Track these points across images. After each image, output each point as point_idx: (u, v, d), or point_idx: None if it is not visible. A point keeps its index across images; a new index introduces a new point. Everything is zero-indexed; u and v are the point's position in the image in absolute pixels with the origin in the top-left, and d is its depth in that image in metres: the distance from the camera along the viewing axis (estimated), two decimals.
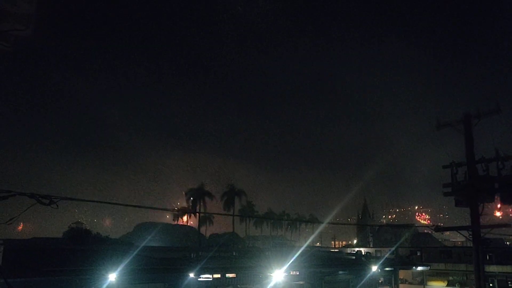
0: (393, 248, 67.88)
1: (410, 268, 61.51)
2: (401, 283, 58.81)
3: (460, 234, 17.39)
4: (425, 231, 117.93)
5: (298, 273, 43.68)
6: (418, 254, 75.15)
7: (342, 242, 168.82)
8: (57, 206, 5.55)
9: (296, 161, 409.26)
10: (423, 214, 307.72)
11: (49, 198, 5.53)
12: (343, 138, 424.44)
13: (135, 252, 37.67)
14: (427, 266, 60.53)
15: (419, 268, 60.61)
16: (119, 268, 31.19)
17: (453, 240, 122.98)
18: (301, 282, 44.48)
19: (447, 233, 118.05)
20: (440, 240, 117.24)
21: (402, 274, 61.83)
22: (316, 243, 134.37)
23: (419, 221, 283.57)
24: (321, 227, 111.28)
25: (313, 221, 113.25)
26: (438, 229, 18.40)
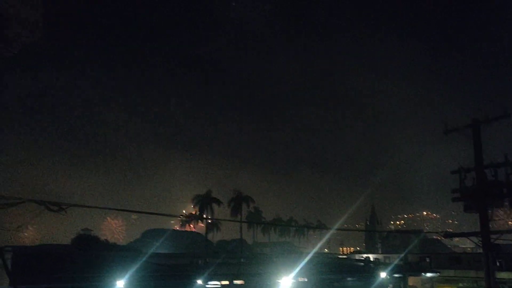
0: (402, 255, 67.39)
1: (419, 274, 60.99)
2: None
3: (470, 240, 17.26)
4: (434, 237, 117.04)
5: (306, 280, 43.49)
6: (427, 260, 74.50)
7: (350, 249, 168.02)
8: (66, 212, 5.59)
9: (303, 167, 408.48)
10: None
11: (58, 205, 5.57)
12: (350, 143, 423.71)
13: (143, 259, 37.70)
14: (437, 273, 59.99)
15: (429, 275, 60.08)
16: (127, 275, 31.24)
17: (463, 246, 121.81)
18: None
19: (456, 239, 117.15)
20: (449, 246, 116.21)
21: (411, 280, 61.24)
22: (324, 249, 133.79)
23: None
24: (329, 234, 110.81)
25: (321, 227, 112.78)
26: (447, 235, 18.31)
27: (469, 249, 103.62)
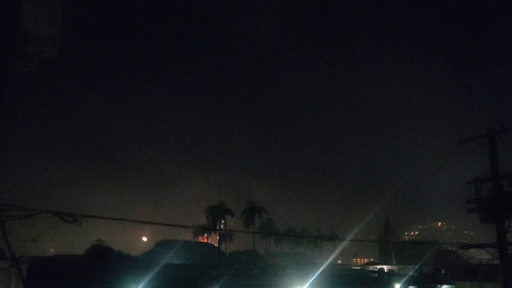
0: (417, 266, 66.54)
1: (435, 286, 60.13)
2: None
3: (486, 251, 16.98)
4: (450, 248, 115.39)
5: None
6: (443, 272, 73.43)
7: (363, 260, 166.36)
8: (81, 223, 5.62)
9: (316, 178, 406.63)
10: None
11: (72, 215, 5.61)
12: (364, 154, 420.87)
13: (156, 270, 37.71)
14: (452, 285, 59.12)
15: (444, 287, 59.21)
16: (141, 286, 31.25)
17: (479, 258, 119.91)
18: None
19: (472, 250, 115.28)
20: (465, 257, 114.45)
21: None
22: (338, 260, 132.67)
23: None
24: (343, 245, 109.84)
25: (334, 238, 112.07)
26: (463, 246, 18.06)
27: (485, 260, 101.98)
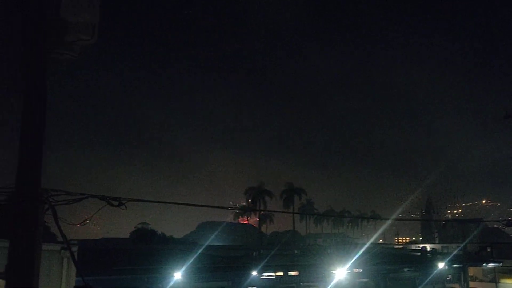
0: (462, 245, 65.24)
1: (480, 265, 58.84)
2: (471, 280, 56.28)
3: None
4: (495, 226, 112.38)
5: (361, 271, 42.98)
6: (488, 250, 71.70)
7: (405, 239, 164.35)
8: (126, 207, 5.76)
9: (353, 159, 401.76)
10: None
11: (118, 199, 5.75)
12: (404, 135, 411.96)
13: (199, 251, 38.50)
14: (499, 263, 57.65)
15: (491, 265, 57.83)
16: (184, 267, 31.99)
17: None
18: (365, 280, 43.71)
19: None
20: (511, 235, 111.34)
21: (471, 271, 59.17)
22: (379, 239, 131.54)
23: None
24: (386, 224, 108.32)
25: (375, 217, 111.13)
26: (510, 224, 17.54)
27: None
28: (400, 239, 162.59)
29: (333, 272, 38.40)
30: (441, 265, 46.88)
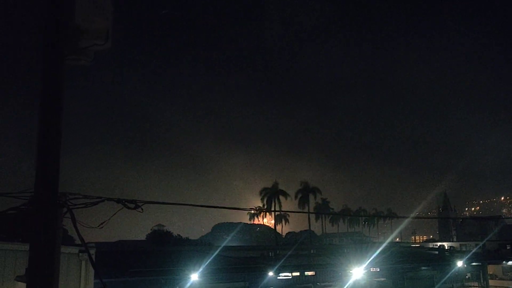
0: (481, 243, 64.43)
1: (500, 262, 58.10)
2: (491, 278, 55.61)
3: None
4: None
5: (378, 270, 42.74)
6: (508, 248, 70.72)
7: (422, 237, 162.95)
8: (142, 210, 5.82)
9: (368, 157, 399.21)
10: None
11: (134, 202, 5.80)
12: (415, 132, 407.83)
13: (215, 252, 38.60)
14: None
15: (510, 263, 57.07)
16: (201, 268, 32.12)
17: None
18: (382, 279, 43.45)
19: None
20: None
21: (491, 269, 58.45)
22: (396, 238, 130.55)
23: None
24: (404, 223, 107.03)
25: (392, 216, 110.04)
26: None
27: None
28: (417, 237, 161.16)
29: (350, 271, 38.23)
30: (459, 263, 46.40)
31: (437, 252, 61.33)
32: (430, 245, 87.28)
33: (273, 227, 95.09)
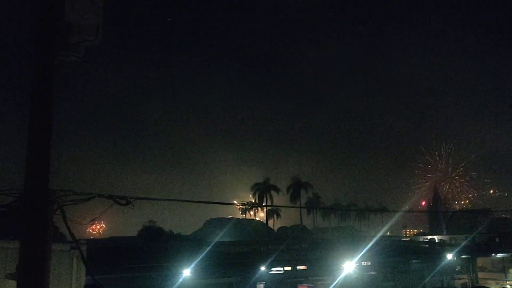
0: (471, 236, 65.07)
1: (489, 255, 58.78)
2: (480, 271, 56.26)
3: None
4: (503, 216, 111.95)
5: (370, 263, 43.03)
6: (497, 240, 71.49)
7: (413, 231, 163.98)
8: (133, 206, 5.80)
9: (356, 151, 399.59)
10: None
11: (125, 198, 5.79)
12: (410, 125, 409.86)
13: (208, 248, 38.66)
14: (508, 253, 57.55)
15: (499, 255, 57.74)
16: (193, 264, 32.15)
17: None
18: (373, 273, 43.76)
19: None
20: None
21: (480, 261, 59.13)
22: (386, 232, 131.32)
23: None
24: (395, 217, 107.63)
25: (383, 210, 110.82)
26: None
27: None
28: (407, 231, 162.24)
29: (342, 265, 38.46)
30: (449, 256, 46.88)
31: (427, 246, 61.89)
32: (421, 238, 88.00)
33: (265, 222, 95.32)
